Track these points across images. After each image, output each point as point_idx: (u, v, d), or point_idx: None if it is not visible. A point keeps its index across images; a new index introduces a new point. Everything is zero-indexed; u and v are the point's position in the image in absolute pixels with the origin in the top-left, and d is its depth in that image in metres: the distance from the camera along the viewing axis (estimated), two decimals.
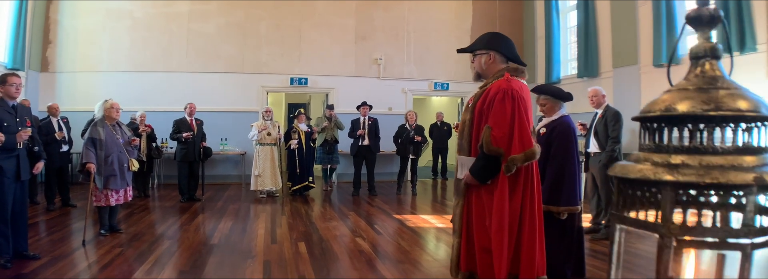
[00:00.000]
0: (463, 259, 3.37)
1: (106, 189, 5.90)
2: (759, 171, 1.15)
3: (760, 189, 1.15)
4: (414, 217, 7.65)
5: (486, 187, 3.22)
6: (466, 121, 3.35)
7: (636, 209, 1.35)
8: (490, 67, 3.38)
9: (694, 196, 1.20)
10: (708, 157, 1.20)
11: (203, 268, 4.71)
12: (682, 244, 1.20)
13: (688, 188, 1.19)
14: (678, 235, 1.19)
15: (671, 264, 1.19)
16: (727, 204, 1.18)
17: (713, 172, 1.16)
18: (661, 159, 1.25)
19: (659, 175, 1.21)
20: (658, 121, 1.30)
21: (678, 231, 1.19)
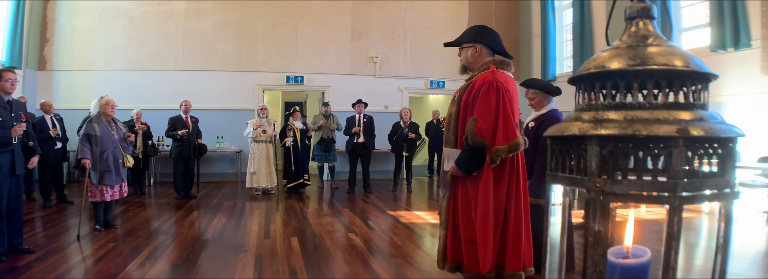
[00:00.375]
0: (450, 251, 3.41)
1: (101, 184, 5.94)
2: (685, 124, 1.16)
3: (686, 141, 1.16)
4: (408, 213, 7.69)
5: (472, 179, 3.26)
6: (452, 113, 3.39)
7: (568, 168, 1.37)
8: (477, 59, 3.42)
9: (618, 150, 1.21)
10: (634, 111, 1.21)
11: (196, 261, 4.75)
12: (608, 198, 1.20)
13: (612, 141, 1.21)
14: (604, 189, 1.20)
15: (598, 218, 1.20)
16: (652, 157, 1.20)
17: (636, 125, 1.17)
18: (589, 116, 1.27)
19: (585, 130, 1.22)
20: (589, 79, 1.31)
21: (603, 185, 1.20)
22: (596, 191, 1.21)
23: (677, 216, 1.15)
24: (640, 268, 1.26)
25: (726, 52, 8.41)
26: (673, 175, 1.16)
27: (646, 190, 1.19)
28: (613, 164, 1.23)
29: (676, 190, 1.15)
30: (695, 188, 1.18)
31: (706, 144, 1.22)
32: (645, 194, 1.20)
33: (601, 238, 1.21)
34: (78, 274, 4.26)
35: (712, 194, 1.23)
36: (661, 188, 1.17)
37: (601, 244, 1.22)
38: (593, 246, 1.23)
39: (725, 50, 8.37)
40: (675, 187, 1.16)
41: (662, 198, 1.17)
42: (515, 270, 3.20)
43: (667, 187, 1.16)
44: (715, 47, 8.46)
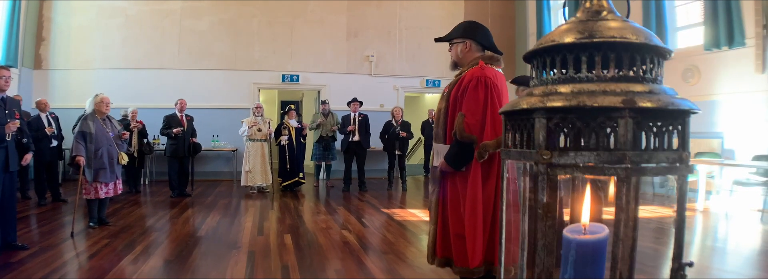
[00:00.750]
0: (439, 246, 3.43)
1: (96, 182, 5.96)
2: (632, 96, 1.15)
3: (633, 113, 1.15)
4: (402, 211, 7.71)
5: (460, 174, 3.28)
6: (441, 109, 3.41)
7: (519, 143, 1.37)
8: (466, 55, 3.44)
9: (564, 122, 1.20)
10: (583, 84, 1.21)
11: (188, 257, 4.77)
12: (555, 169, 1.20)
13: (558, 114, 1.20)
14: (550, 161, 1.20)
15: (546, 191, 1.19)
16: (597, 128, 1.19)
17: (582, 96, 1.16)
18: (540, 91, 1.26)
19: (533, 104, 1.22)
20: (541, 55, 1.30)
21: (550, 157, 1.20)
22: (543, 163, 1.20)
23: (625, 188, 1.15)
24: (596, 244, 1.25)
25: (720, 51, 8.45)
26: (619, 146, 1.15)
27: (592, 161, 1.18)
28: (561, 137, 1.23)
29: (623, 161, 1.15)
30: (644, 160, 1.17)
31: (656, 117, 1.20)
32: (592, 165, 1.19)
33: (550, 210, 1.20)
34: (71, 270, 4.27)
35: (662, 167, 1.21)
36: (607, 160, 1.17)
37: (549, 217, 1.21)
38: (542, 218, 1.22)
39: (719, 49, 8.41)
40: (622, 158, 1.15)
41: (609, 169, 1.16)
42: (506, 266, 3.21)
43: (614, 158, 1.16)
44: (710, 46, 8.50)
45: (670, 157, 1.22)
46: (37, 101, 8.36)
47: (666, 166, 1.23)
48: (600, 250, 1.23)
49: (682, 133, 1.26)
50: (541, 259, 1.24)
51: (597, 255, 1.24)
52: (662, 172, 1.23)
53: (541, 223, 1.22)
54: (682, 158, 1.24)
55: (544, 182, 1.21)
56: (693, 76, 8.97)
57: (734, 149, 8.40)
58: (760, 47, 7.84)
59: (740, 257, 5.09)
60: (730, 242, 5.83)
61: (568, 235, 1.27)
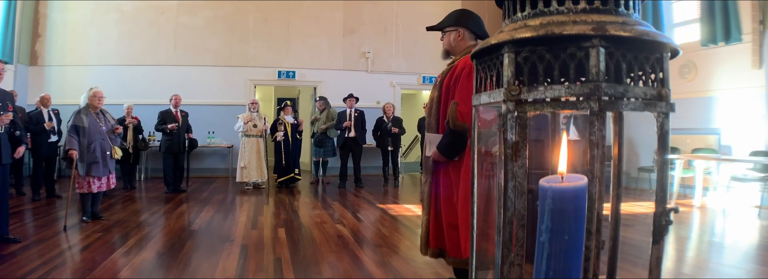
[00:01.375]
0: (432, 237, 3.40)
1: (89, 176, 5.92)
2: (602, 24, 1.08)
3: (605, 42, 1.08)
4: (397, 206, 7.69)
5: (453, 164, 3.24)
6: (434, 98, 3.38)
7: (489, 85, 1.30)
8: (459, 44, 3.40)
9: (533, 55, 1.14)
10: (551, 16, 1.14)
11: (181, 250, 4.74)
12: (524, 106, 1.13)
13: (527, 46, 1.13)
14: (519, 96, 1.13)
15: (515, 129, 1.13)
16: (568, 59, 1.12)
17: (551, 26, 1.10)
18: (511, 26, 1.20)
19: (500, 38, 1.15)
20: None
21: (518, 92, 1.13)
22: (512, 100, 1.15)
23: (599, 122, 1.08)
24: (574, 192, 1.19)
25: (717, 47, 8.44)
26: (591, 77, 1.09)
27: (564, 94, 1.12)
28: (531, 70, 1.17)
29: (596, 92, 1.08)
30: (619, 94, 1.11)
31: (630, 48, 1.14)
32: (564, 99, 1.13)
33: (519, 149, 1.14)
34: (62, 262, 4.24)
35: (640, 103, 1.15)
36: (579, 92, 1.10)
37: (519, 156, 1.15)
38: (511, 158, 1.15)
39: (716, 45, 8.39)
40: (595, 90, 1.09)
41: (581, 103, 1.10)
42: None
43: (586, 90, 1.10)
44: (706, 42, 8.48)
45: (648, 93, 1.16)
46: (42, 96, 8.37)
47: (644, 102, 1.16)
48: (579, 199, 1.17)
49: (660, 68, 1.19)
50: (512, 202, 1.17)
51: (576, 205, 1.18)
52: (640, 108, 1.16)
53: (511, 164, 1.15)
54: (661, 95, 1.18)
55: (513, 120, 1.15)
56: (690, 72, 8.96)
57: (731, 145, 8.38)
58: (756, 43, 7.83)
59: (739, 252, 5.07)
60: (728, 238, 5.81)
61: (544, 183, 1.22)
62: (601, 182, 1.08)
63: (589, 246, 1.09)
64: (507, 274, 1.18)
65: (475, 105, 1.41)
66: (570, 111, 1.33)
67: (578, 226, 1.17)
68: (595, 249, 1.10)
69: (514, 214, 1.17)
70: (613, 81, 1.13)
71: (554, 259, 1.21)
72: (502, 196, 1.19)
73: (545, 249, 1.22)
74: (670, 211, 1.20)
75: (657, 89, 1.18)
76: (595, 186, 1.09)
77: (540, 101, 1.15)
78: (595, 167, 1.09)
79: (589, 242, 1.09)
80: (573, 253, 1.19)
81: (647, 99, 1.16)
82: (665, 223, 1.20)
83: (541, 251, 1.22)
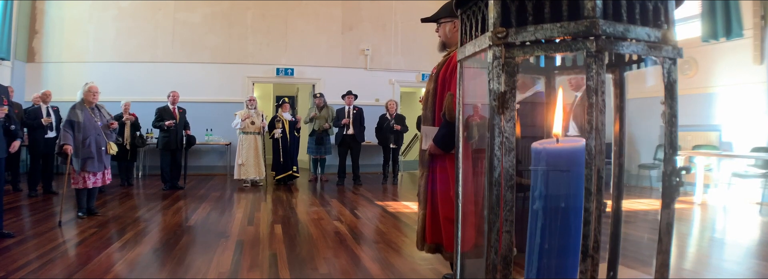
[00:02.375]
0: (429, 231, 3.35)
1: (84, 171, 5.87)
2: None
3: None
4: (396, 203, 7.64)
5: (450, 157, 3.19)
6: (430, 90, 3.33)
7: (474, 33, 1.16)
8: (455, 35, 3.35)
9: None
10: None
11: (176, 246, 4.70)
12: (512, 50, 1.00)
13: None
14: (506, 39, 1.00)
15: (503, 77, 1.01)
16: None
17: None
18: None
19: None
20: None
21: (505, 34, 1.00)
22: (498, 45, 1.02)
23: (596, 65, 0.96)
24: (571, 154, 1.08)
25: (718, 42, 8.39)
26: (587, 13, 0.96)
27: (556, 34, 0.99)
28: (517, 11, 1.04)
29: (593, 30, 0.95)
30: (620, 33, 0.99)
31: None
32: (558, 40, 1.00)
33: (507, 100, 1.03)
34: (56, 257, 4.19)
35: (643, 46, 1.03)
36: (574, 31, 0.97)
37: (507, 108, 1.03)
38: (497, 111, 1.04)
39: (717, 40, 8.34)
40: (591, 27, 0.95)
41: (576, 43, 0.98)
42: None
43: (581, 29, 0.97)
44: (707, 37, 8.43)
45: (652, 35, 1.04)
46: (43, 92, 8.33)
47: (647, 45, 1.03)
48: (577, 163, 1.06)
49: (665, 10, 1.08)
50: (499, 159, 1.06)
51: (574, 168, 1.07)
52: (643, 52, 1.04)
53: (497, 118, 1.05)
54: (667, 38, 1.06)
55: (499, 67, 1.03)
56: (690, 68, 8.90)
57: (732, 141, 8.33)
58: (758, 38, 7.78)
59: (741, 248, 5.02)
60: (729, 234, 5.76)
61: (537, 146, 1.13)
62: (599, 135, 0.97)
63: (589, 208, 0.99)
64: (494, 243, 1.09)
65: (460, 60, 1.30)
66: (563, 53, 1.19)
67: (577, 192, 1.06)
68: (597, 211, 0.99)
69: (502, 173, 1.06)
70: (612, 18, 1.01)
71: (550, 229, 1.11)
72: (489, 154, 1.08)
73: (539, 218, 1.12)
74: (681, 171, 1.10)
75: (663, 31, 1.06)
76: (593, 139, 0.98)
77: (530, 44, 1.03)
78: (594, 117, 0.98)
79: (589, 204, 0.99)
80: (571, 220, 1.09)
81: (651, 42, 1.04)
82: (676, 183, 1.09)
83: (535, 221, 1.13)
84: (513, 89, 1.03)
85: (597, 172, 0.97)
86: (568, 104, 6.37)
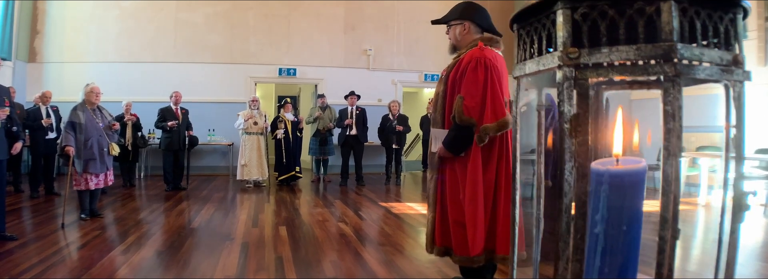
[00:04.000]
0: (438, 234, 3.31)
1: (86, 173, 5.84)
2: None
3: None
4: (400, 204, 7.60)
5: (460, 160, 3.16)
6: (439, 92, 3.29)
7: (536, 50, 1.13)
8: (465, 37, 3.33)
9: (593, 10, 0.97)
10: None
11: (180, 248, 4.66)
12: (585, 72, 0.98)
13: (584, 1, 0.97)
14: (578, 60, 0.97)
15: (574, 99, 0.97)
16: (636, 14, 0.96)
17: None
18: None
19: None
20: None
21: (577, 55, 0.97)
22: (569, 65, 1.00)
23: (674, 89, 0.95)
24: (634, 175, 1.05)
25: None
26: (664, 36, 0.94)
27: (632, 57, 0.96)
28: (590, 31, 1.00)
29: (671, 54, 0.94)
30: (695, 57, 0.97)
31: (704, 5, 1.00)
32: (630, 63, 0.98)
33: (580, 123, 1.00)
34: (59, 260, 4.16)
35: (715, 69, 1.00)
36: (650, 54, 0.95)
37: (581, 132, 1.00)
38: (570, 134, 1.01)
39: None
40: (669, 51, 0.94)
41: (653, 67, 0.96)
42: (506, 253, 3.09)
43: (659, 52, 0.95)
44: None
45: (724, 58, 1.02)
46: (43, 93, 8.28)
47: (719, 69, 1.01)
48: (639, 184, 1.04)
49: (734, 30, 1.05)
50: (570, 186, 1.03)
51: (635, 189, 1.04)
52: (715, 77, 1.01)
53: (569, 141, 1.02)
54: (737, 60, 1.04)
55: (571, 88, 1.00)
56: None
57: None
58: (762, 39, 7.75)
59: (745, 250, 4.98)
60: None
61: (598, 167, 1.09)
62: (676, 161, 0.95)
63: (664, 236, 0.97)
64: (562, 272, 1.05)
65: (518, 76, 1.25)
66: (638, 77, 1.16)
67: (637, 216, 1.04)
68: (672, 239, 0.98)
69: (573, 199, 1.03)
70: (688, 42, 0.98)
71: (610, 254, 1.08)
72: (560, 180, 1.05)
73: (600, 242, 1.09)
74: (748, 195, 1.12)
75: (733, 54, 1.05)
76: (671, 166, 0.96)
77: (601, 66, 1.00)
78: (671, 143, 0.97)
79: (664, 232, 0.97)
80: (631, 245, 1.06)
81: (723, 65, 1.03)
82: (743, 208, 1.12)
83: (594, 245, 1.10)
84: (586, 111, 0.99)
85: (673, 199, 0.94)
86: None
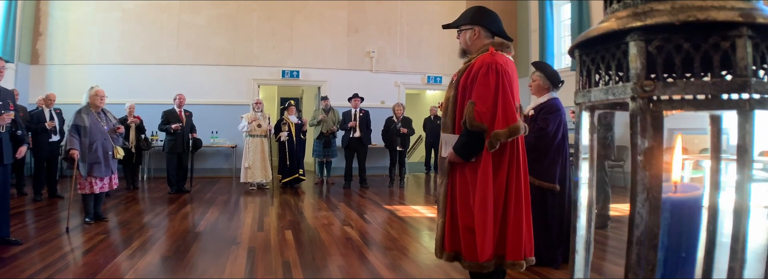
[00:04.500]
0: (448, 239, 3.29)
1: (90, 176, 5.82)
2: (747, 10, 0.95)
3: (751, 30, 0.95)
4: (404, 207, 7.58)
5: (470, 165, 3.14)
6: (450, 97, 3.27)
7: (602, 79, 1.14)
8: (475, 42, 3.31)
9: (668, 43, 0.98)
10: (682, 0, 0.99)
11: (186, 253, 4.64)
12: (659, 105, 0.99)
13: (661, 33, 0.98)
14: (653, 93, 0.98)
15: (649, 133, 0.99)
16: (712, 49, 0.97)
17: (690, 11, 0.95)
18: (627, 13, 1.04)
19: (624, 23, 1.00)
20: None
21: (652, 88, 0.98)
22: (643, 97, 1.00)
23: (748, 124, 0.98)
24: (692, 202, 1.09)
25: None
26: (739, 72, 0.96)
27: (706, 92, 0.98)
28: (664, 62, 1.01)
29: (746, 88, 0.96)
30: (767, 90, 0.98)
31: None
32: (705, 98, 0.99)
33: (654, 156, 1.00)
34: (65, 266, 4.14)
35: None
36: (726, 88, 0.97)
37: (654, 165, 1.00)
38: (644, 168, 1.01)
39: None
40: (744, 85, 0.96)
41: (729, 102, 0.98)
42: (516, 259, 3.07)
43: (734, 86, 0.97)
44: None
45: None
46: (47, 95, 8.25)
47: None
48: (696, 210, 1.09)
49: None
50: (643, 218, 1.03)
51: (694, 216, 1.09)
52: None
53: (643, 175, 1.01)
54: None
55: (644, 121, 1.00)
56: None
57: None
58: None
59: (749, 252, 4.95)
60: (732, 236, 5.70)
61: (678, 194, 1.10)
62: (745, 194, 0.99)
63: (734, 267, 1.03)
64: None
65: (581, 103, 1.24)
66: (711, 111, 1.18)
67: (695, 242, 1.09)
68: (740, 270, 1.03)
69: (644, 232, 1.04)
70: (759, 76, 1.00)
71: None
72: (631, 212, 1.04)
73: (658, 269, 1.10)
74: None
75: None
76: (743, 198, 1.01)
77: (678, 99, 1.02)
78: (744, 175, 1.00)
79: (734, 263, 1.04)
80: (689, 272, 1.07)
81: None
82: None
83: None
84: (660, 144, 1.00)
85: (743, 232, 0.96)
86: None
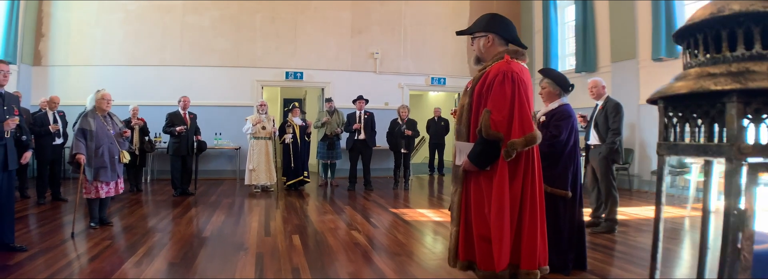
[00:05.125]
0: (462, 248, 3.26)
1: (96, 181, 5.77)
2: None
3: None
4: (410, 211, 7.54)
5: (485, 174, 3.10)
6: (465, 105, 3.23)
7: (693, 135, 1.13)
8: (489, 49, 3.27)
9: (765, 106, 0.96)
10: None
11: (194, 260, 4.59)
12: (756, 167, 0.98)
13: (760, 97, 0.95)
14: (750, 155, 0.97)
15: (745, 194, 0.97)
16: None
17: None
18: (719, 69, 1.00)
19: (721, 84, 0.97)
20: (709, 27, 1.03)
21: (750, 151, 0.97)
22: (740, 159, 0.98)
23: None
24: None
25: None
26: None
27: None
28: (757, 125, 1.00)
29: None
30: None
31: None
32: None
33: (746, 218, 0.99)
34: (72, 273, 4.09)
35: None
36: None
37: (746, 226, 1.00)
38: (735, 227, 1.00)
39: None
40: None
41: None
42: (530, 268, 3.04)
43: None
44: None
45: None
46: (51, 97, 8.20)
47: None
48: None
49: None
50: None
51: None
52: None
53: (732, 234, 1.00)
54: None
55: (738, 183, 1.00)
56: None
57: None
58: None
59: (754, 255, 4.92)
60: None
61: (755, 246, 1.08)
62: None
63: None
64: None
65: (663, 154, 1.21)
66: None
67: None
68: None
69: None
70: None
71: None
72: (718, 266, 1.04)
73: None
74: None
75: None
76: None
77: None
78: None
79: None
80: None
81: None
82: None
83: None
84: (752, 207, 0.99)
85: None
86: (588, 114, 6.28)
